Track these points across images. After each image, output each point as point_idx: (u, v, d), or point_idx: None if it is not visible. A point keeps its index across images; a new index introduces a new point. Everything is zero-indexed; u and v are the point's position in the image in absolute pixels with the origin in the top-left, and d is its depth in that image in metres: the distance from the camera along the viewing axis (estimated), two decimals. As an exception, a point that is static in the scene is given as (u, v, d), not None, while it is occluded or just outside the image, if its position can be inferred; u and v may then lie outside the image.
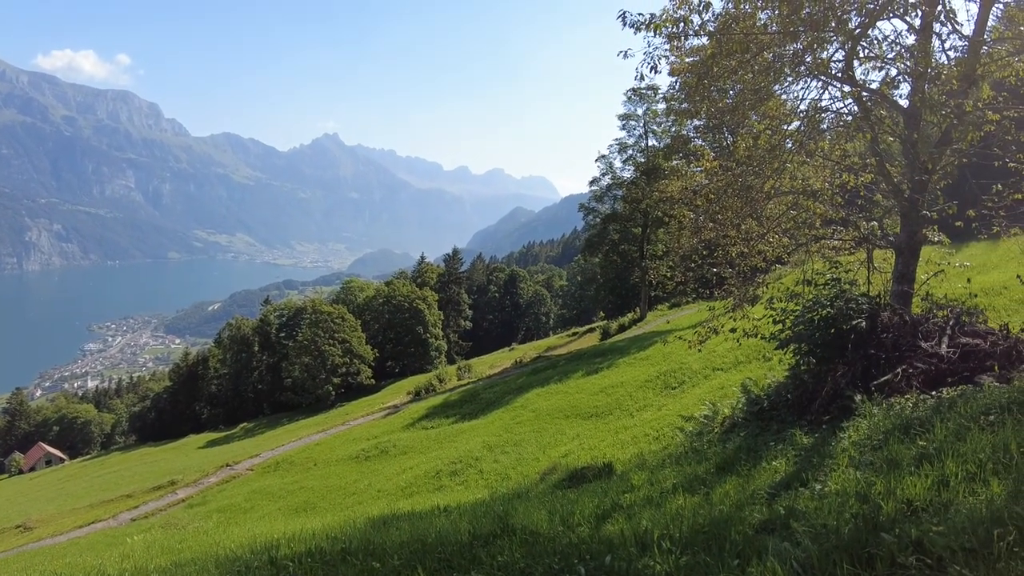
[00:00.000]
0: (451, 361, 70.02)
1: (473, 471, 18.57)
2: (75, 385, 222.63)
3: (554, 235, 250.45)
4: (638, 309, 48.45)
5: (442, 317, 75.23)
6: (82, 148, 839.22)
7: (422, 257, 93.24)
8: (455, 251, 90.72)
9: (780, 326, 9.36)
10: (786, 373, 9.72)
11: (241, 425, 62.29)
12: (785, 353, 9.47)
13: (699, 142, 34.77)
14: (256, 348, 74.80)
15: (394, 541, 5.83)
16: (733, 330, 10.74)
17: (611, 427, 18.29)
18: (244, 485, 28.25)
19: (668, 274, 17.26)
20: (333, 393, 59.85)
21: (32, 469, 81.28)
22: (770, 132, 10.06)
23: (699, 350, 12.15)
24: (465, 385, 41.70)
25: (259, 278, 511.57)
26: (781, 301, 9.70)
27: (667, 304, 50.65)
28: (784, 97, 10.03)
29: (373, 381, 62.99)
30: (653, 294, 48.36)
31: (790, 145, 9.93)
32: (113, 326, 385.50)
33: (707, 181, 11.90)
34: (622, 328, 45.85)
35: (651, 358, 26.50)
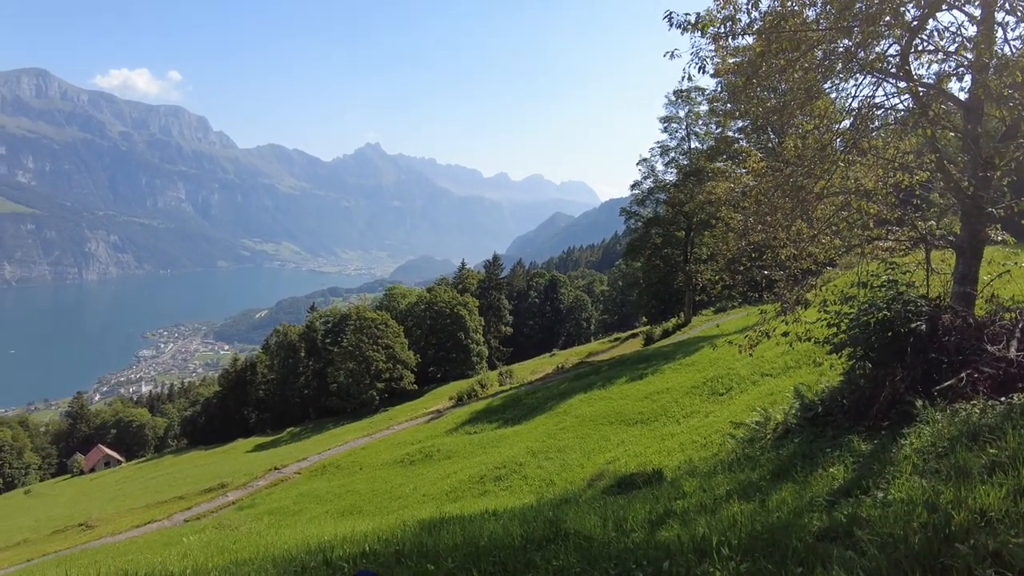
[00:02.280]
0: (492, 367, 70.22)
1: (517, 476, 18.53)
2: (130, 390, 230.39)
3: (594, 240, 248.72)
4: (682, 314, 47.75)
5: (483, 323, 75.52)
6: (136, 162, 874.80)
7: (463, 264, 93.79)
8: (495, 257, 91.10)
9: (834, 329, 9.10)
10: (840, 378, 9.44)
11: (288, 429, 63.61)
12: (839, 357, 9.20)
13: (744, 143, 34.19)
14: (302, 354, 76.36)
15: (447, 544, 5.87)
16: (786, 334, 10.47)
17: (657, 434, 18.03)
18: (292, 488, 28.82)
19: (714, 277, 16.92)
20: (377, 398, 60.69)
21: (92, 470, 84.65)
22: (819, 131, 9.80)
23: (750, 355, 11.87)
24: (507, 391, 41.73)
25: (305, 286, 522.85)
26: (835, 304, 9.43)
27: (712, 309, 49.80)
28: (834, 95, 9.77)
29: (416, 386, 63.61)
30: (697, 299, 47.63)
31: (839, 144, 9.66)
32: (165, 333, 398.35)
33: (754, 182, 11.66)
34: (666, 333, 45.25)
35: (697, 364, 26.05)
